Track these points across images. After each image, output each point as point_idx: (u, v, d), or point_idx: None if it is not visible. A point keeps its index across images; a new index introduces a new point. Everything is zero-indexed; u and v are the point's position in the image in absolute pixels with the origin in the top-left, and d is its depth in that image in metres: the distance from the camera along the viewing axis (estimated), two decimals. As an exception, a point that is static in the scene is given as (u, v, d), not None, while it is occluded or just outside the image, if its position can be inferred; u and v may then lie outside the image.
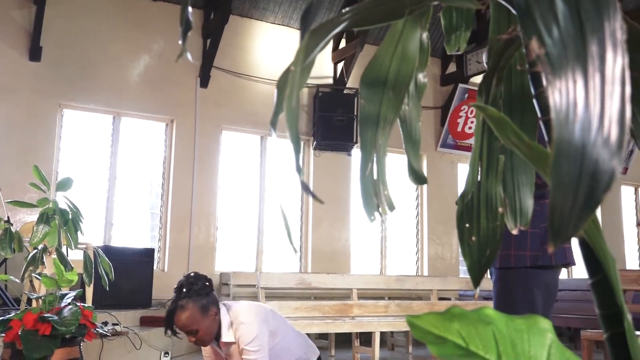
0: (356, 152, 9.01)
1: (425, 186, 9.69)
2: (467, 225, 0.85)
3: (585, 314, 7.21)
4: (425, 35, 0.86)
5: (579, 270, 10.65)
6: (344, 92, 8.75)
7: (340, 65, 8.89)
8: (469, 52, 9.45)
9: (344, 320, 5.98)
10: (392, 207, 0.82)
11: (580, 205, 0.39)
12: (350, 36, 8.71)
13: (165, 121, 8.08)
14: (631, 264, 11.89)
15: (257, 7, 8.52)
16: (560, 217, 0.40)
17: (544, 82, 0.66)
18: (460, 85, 9.54)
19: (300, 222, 8.78)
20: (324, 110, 8.51)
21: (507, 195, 0.89)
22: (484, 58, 2.55)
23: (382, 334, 6.88)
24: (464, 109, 9.71)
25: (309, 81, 9.14)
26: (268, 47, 8.64)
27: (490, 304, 7.38)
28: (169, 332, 2.86)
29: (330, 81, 8.96)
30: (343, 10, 0.65)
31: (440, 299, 7.45)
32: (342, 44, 8.89)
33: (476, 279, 0.86)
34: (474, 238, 0.87)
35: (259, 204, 8.51)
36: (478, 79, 9.79)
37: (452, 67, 9.86)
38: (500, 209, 0.88)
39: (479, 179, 0.88)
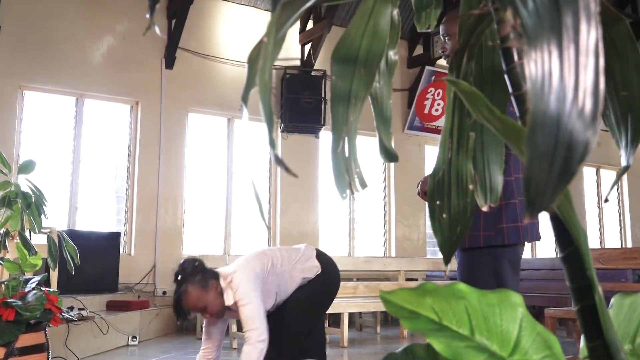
0: (324, 134, 9.00)
1: (392, 168, 9.75)
2: (437, 202, 0.85)
3: (548, 292, 7.37)
4: (395, 11, 0.85)
5: (543, 250, 10.90)
6: (312, 74, 8.71)
7: (307, 47, 8.84)
8: (435, 34, 9.48)
9: (313, 302, 5.99)
10: (364, 185, 0.82)
11: (556, 175, 0.39)
12: (317, 18, 8.65)
13: (130, 103, 7.94)
14: (592, 243, 12.19)
15: (223, -13, 8.40)
16: (536, 188, 0.40)
17: (516, 57, 0.66)
18: (427, 68, 9.59)
19: (268, 204, 8.76)
20: (291, 92, 8.46)
21: (477, 173, 0.90)
22: (441, 30, 2.48)
23: (351, 314, 6.94)
24: (431, 91, 9.77)
25: (276, 63, 9.06)
26: (235, 28, 8.53)
27: (459, 283, 7.52)
28: (181, 319, 3.00)
29: (298, 63, 8.90)
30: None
31: (408, 279, 7.54)
32: (310, 25, 8.84)
33: (447, 256, 0.86)
34: (444, 215, 0.88)
35: (227, 187, 8.45)
36: (445, 61, 9.84)
37: (419, 50, 9.89)
38: (470, 186, 0.89)
39: (449, 156, 0.88)
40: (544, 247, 11.17)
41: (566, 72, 0.41)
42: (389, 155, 0.91)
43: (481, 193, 0.90)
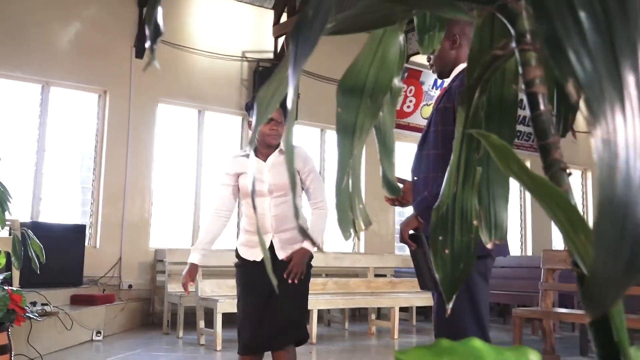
0: (296, 128, 8.92)
1: (362, 164, 9.72)
2: (440, 237, 0.81)
3: (513, 290, 7.47)
4: (402, 37, 0.81)
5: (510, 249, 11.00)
6: (285, 67, 8.62)
7: (281, 40, 8.75)
8: (409, 31, 9.46)
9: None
10: (367, 223, 0.77)
11: (622, 273, 0.36)
12: (292, 10, 8.56)
13: (98, 92, 7.75)
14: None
15: (196, -24, 8.24)
16: (599, 286, 0.36)
17: (541, 106, 0.62)
18: (400, 64, 9.57)
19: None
20: (263, 85, 8.36)
21: (482, 208, 0.86)
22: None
23: (319, 310, 6.92)
24: (404, 87, 9.76)
25: (249, 55, 9.01)
26: (207, 18, 8.39)
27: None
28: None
29: (271, 56, 8.81)
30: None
31: (377, 275, 7.55)
32: (284, 17, 8.74)
33: (449, 293, 0.83)
34: (447, 251, 0.84)
35: (196, 179, 8.34)
36: (418, 58, 9.86)
37: (392, 45, 9.86)
38: (475, 222, 0.86)
39: (454, 191, 0.85)
40: (510, 245, 11.27)
41: (633, 154, 0.37)
42: (393, 188, 0.86)
43: (486, 229, 0.87)
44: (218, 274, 6.86)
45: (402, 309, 7.30)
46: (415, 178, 2.39)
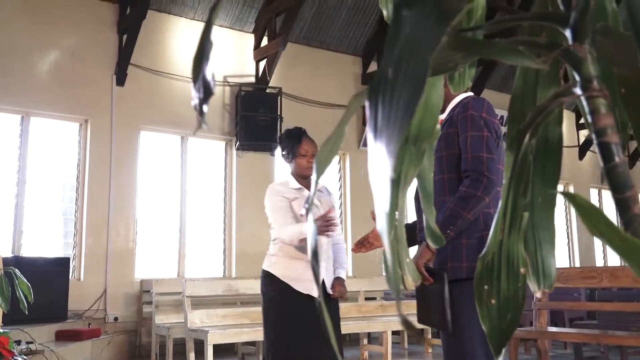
0: (279, 152, 8.87)
1: (348, 185, 9.71)
2: (486, 287, 0.77)
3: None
4: (442, 81, 0.77)
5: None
6: (267, 91, 8.60)
7: (262, 64, 8.73)
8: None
9: (274, 327, 5.85)
10: (416, 278, 0.72)
11: None
12: (272, 34, 8.56)
13: (79, 121, 7.64)
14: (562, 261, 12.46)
15: (175, 1, 8.21)
16: None
17: (616, 157, 0.58)
18: (382, 85, 9.60)
19: (223, 224, 8.57)
20: (246, 109, 8.33)
21: (528, 254, 0.82)
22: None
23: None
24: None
25: (230, 79, 8.97)
26: (188, 44, 8.35)
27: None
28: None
29: (253, 80, 8.78)
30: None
31: (367, 299, 7.48)
32: (264, 41, 8.74)
33: (497, 346, 0.78)
34: (493, 301, 0.80)
35: (181, 207, 8.23)
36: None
37: (373, 66, 9.91)
38: (522, 270, 0.81)
39: (500, 238, 0.80)
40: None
41: None
42: (437, 238, 0.81)
43: (533, 277, 0.82)
44: (207, 304, 6.74)
45: (393, 332, 7.22)
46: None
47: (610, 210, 12.78)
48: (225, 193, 8.63)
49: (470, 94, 2.48)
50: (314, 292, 2.91)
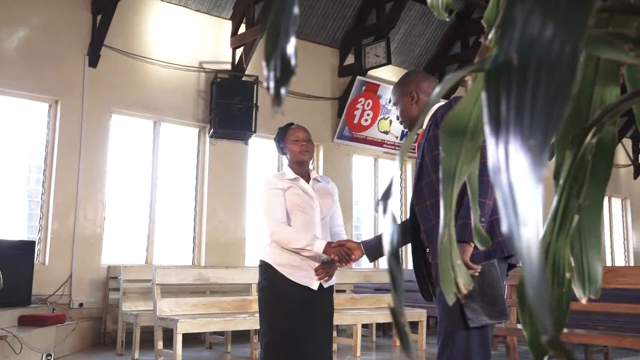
0: (253, 141, 8.79)
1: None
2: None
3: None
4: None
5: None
6: (243, 79, 8.49)
7: (239, 51, 8.61)
8: (368, 44, 9.50)
9: (244, 317, 5.80)
10: (469, 282, 0.69)
11: None
12: (250, 22, 8.44)
13: (49, 102, 7.42)
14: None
15: (152, -16, 8.02)
16: None
17: None
18: (359, 78, 9.58)
19: (194, 212, 8.45)
20: (221, 97, 8.20)
21: (574, 259, 0.79)
22: (392, 99, 2.57)
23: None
24: (361, 101, 9.76)
25: (206, 65, 8.82)
26: (164, 27, 8.18)
27: (385, 295, 7.46)
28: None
29: (229, 67, 8.65)
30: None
31: (337, 291, 7.46)
32: (242, 28, 8.61)
33: (537, 354, 0.74)
34: None
35: (151, 193, 8.07)
36: (376, 72, 9.89)
37: (350, 59, 9.87)
38: (567, 275, 0.78)
39: (548, 241, 0.77)
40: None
41: None
42: (483, 239, 0.77)
43: (579, 282, 0.79)
44: (175, 292, 6.64)
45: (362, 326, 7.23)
46: (421, 207, 2.48)
47: None
48: (197, 181, 8.51)
49: (443, 102, 2.62)
50: (313, 285, 2.87)
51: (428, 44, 10.79)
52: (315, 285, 2.87)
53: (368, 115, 9.94)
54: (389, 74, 10.40)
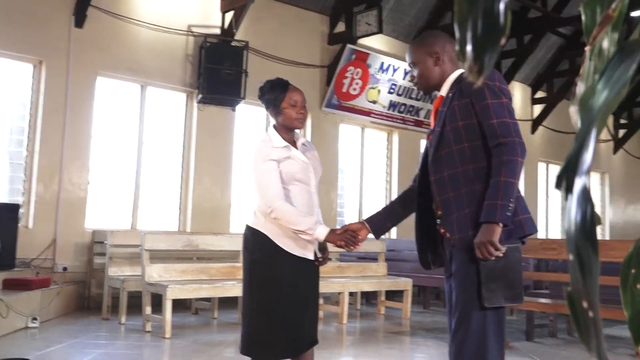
0: (241, 107, 8.69)
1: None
2: (633, 271, 0.71)
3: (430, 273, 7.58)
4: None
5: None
6: (232, 44, 8.35)
7: (228, 16, 8.45)
8: (359, 12, 9.38)
9: (233, 284, 5.80)
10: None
11: None
12: (240, -15, 8.27)
13: (33, 62, 7.24)
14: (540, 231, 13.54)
15: (140, -57, 7.80)
16: None
17: None
18: (349, 46, 9.47)
19: (180, 177, 8.38)
20: (210, 62, 8.07)
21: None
22: (407, 58, 2.50)
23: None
24: (350, 70, 9.68)
25: (195, 30, 8.65)
26: (152, -12, 7.98)
27: (371, 264, 7.49)
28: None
29: (218, 31, 8.50)
30: None
31: (324, 260, 7.48)
32: (232, -8, 8.44)
33: (638, 333, 0.72)
34: (639, 286, 0.74)
35: (137, 158, 7.97)
36: (366, 40, 9.80)
37: (340, 26, 9.75)
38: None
39: None
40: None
41: None
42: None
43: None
44: (162, 258, 6.60)
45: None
46: (437, 177, 2.38)
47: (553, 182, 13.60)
48: (183, 146, 8.41)
49: (462, 70, 2.45)
50: (309, 255, 2.82)
51: (419, 13, 10.70)
52: (311, 255, 2.83)
53: (357, 84, 9.87)
54: (379, 43, 10.31)
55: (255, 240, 2.80)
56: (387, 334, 6.14)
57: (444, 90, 2.44)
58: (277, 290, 2.75)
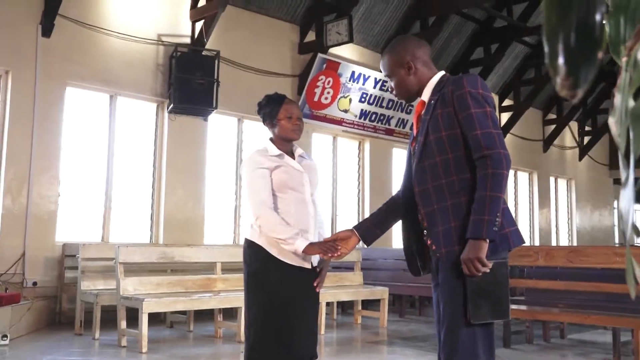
0: (214, 117, 8.63)
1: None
2: None
3: (424, 283, 7.62)
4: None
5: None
6: (203, 53, 8.29)
7: (199, 25, 8.38)
8: (329, 22, 9.41)
9: (210, 296, 5.72)
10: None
11: None
12: (211, -6, 8.22)
13: (-1, 72, 7.08)
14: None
15: (109, -49, 7.70)
16: None
17: None
18: (320, 55, 9.49)
19: (152, 189, 8.26)
20: (181, 71, 7.99)
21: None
22: (382, 71, 2.47)
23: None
24: (322, 79, 9.70)
25: (165, 39, 8.57)
26: (121, -3, 7.88)
27: (348, 274, 7.48)
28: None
29: (188, 40, 8.43)
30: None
31: (299, 270, 7.45)
32: (202, 1, 8.38)
33: None
34: None
35: (107, 169, 7.84)
36: (337, 50, 9.84)
37: (311, 36, 9.76)
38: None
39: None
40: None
41: None
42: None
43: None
44: (135, 271, 6.48)
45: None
46: (421, 189, 2.34)
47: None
48: (155, 157, 8.30)
49: (444, 72, 2.42)
50: (307, 264, 2.80)
51: (388, 22, 10.79)
52: (308, 265, 2.82)
53: (328, 93, 9.89)
54: (350, 52, 10.37)
55: (252, 252, 2.79)
56: (365, 344, 6.13)
57: (425, 95, 2.39)
58: (274, 302, 2.73)
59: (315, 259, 2.86)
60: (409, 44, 2.43)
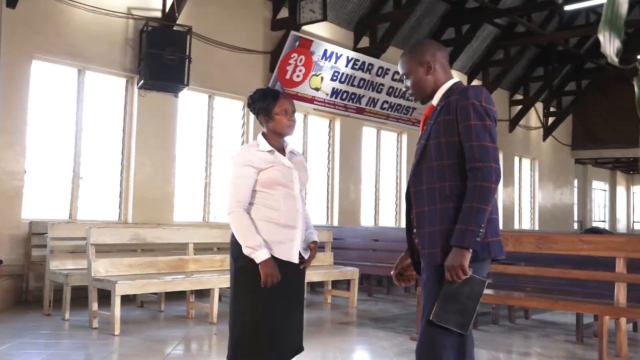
0: (184, 94, 8.50)
1: (251, 131, 9.53)
2: None
3: (375, 262, 7.75)
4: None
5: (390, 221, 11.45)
6: (175, 28, 8.12)
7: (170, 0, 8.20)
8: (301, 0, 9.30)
9: (183, 278, 5.71)
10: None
11: None
12: (183, -32, 8.03)
13: (-38, 44, 6.82)
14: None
15: None
16: None
17: None
18: (292, 33, 9.40)
19: (120, 166, 8.13)
20: (152, 47, 7.82)
21: None
22: (400, 69, 2.50)
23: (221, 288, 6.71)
24: (294, 56, 9.62)
25: (135, 12, 8.38)
26: (90, -32, 7.63)
27: (318, 254, 7.53)
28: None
29: (159, 14, 8.24)
30: None
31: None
32: (174, -25, 8.18)
33: None
34: None
35: (75, 145, 7.68)
36: (310, 27, 9.75)
37: (284, 12, 9.65)
38: None
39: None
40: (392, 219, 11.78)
41: None
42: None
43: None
44: (106, 251, 6.41)
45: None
46: (416, 189, 2.41)
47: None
48: (124, 133, 8.16)
49: (457, 79, 2.49)
50: (294, 258, 2.82)
51: (361, 0, 10.72)
52: (296, 259, 2.84)
53: (300, 71, 9.83)
54: (322, 29, 10.30)
55: (237, 245, 2.79)
56: (336, 325, 6.21)
57: (435, 100, 2.44)
58: (260, 296, 2.74)
59: (305, 253, 2.89)
60: (431, 45, 2.52)
